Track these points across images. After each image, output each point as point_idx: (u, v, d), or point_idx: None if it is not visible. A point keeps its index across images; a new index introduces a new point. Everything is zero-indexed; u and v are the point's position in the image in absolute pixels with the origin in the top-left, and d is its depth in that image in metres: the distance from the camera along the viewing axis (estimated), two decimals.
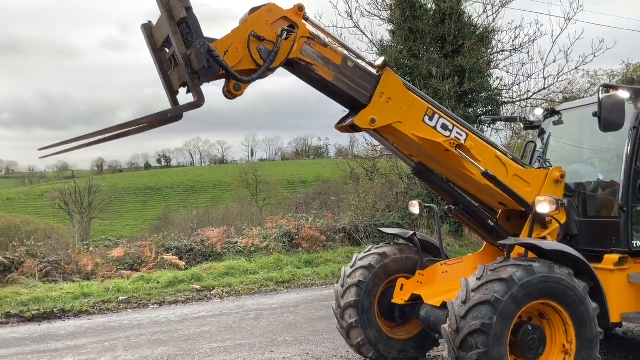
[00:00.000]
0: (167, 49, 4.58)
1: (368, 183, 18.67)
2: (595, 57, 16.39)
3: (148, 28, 4.66)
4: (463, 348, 4.38)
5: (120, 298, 10.62)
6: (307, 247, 14.27)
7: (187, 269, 12.33)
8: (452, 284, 5.42)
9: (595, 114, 5.21)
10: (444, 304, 4.91)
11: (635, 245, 5.51)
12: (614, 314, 5.26)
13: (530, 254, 5.06)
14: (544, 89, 17.24)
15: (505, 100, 17.45)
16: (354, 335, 5.86)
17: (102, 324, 9.09)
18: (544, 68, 16.71)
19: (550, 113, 6.87)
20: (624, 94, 5.42)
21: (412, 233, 6.20)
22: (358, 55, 5.10)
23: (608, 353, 6.24)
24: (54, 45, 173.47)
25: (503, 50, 17.09)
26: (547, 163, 6.10)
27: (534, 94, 17.34)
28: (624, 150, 5.61)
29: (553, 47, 16.40)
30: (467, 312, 4.39)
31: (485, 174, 5.10)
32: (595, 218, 5.96)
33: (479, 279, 4.52)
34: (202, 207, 46.98)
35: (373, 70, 5.00)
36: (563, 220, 5.41)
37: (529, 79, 17.10)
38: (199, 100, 4.33)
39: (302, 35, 4.70)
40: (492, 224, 5.76)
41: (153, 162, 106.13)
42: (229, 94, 4.55)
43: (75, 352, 7.50)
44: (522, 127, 7.88)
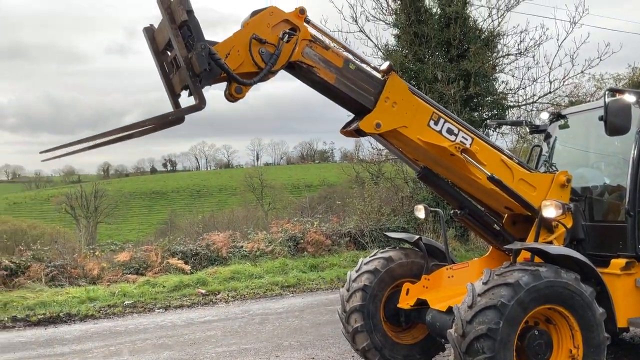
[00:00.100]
0: (168, 52, 4.57)
1: (373, 187, 18.65)
2: (601, 60, 16.33)
3: (150, 31, 4.65)
4: (469, 353, 4.36)
5: (126, 302, 10.64)
6: (312, 251, 14.25)
7: (192, 273, 12.35)
8: (458, 289, 5.40)
9: (601, 118, 5.20)
10: (450, 309, 4.89)
11: None
12: (621, 319, 5.23)
13: (537, 259, 5.03)
14: (550, 93, 17.21)
15: (511, 104, 17.41)
16: (360, 340, 5.83)
17: (107, 328, 9.11)
18: (550, 72, 16.69)
19: (556, 117, 6.85)
20: (630, 98, 5.39)
21: (417, 237, 6.17)
22: (362, 60, 5.07)
23: (615, 358, 6.21)
24: (60, 51, 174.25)
25: (508, 54, 17.04)
26: (553, 167, 6.09)
27: (540, 98, 17.29)
28: (630, 154, 5.59)
29: (559, 50, 16.40)
30: (473, 316, 4.37)
31: (491, 178, 5.08)
32: (602, 222, 5.94)
33: (485, 284, 4.50)
34: (207, 211, 47.04)
35: (377, 75, 4.99)
36: (569, 225, 5.38)
37: (535, 83, 17.08)
38: (201, 103, 4.32)
39: (303, 38, 4.68)
40: (498, 229, 5.74)
41: (159, 166, 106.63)
42: (231, 97, 4.54)
43: (81, 356, 7.52)
44: (527, 131, 7.84)
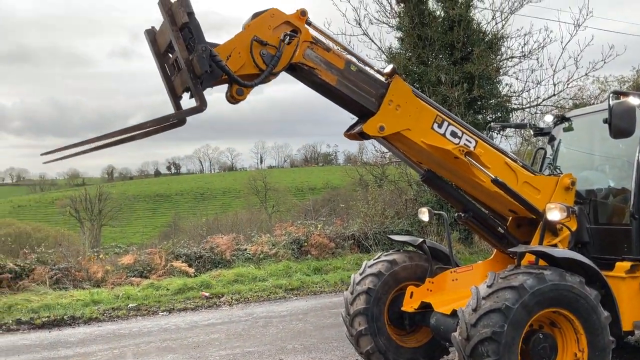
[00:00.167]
0: (170, 55, 4.56)
1: (377, 190, 18.62)
2: (605, 63, 16.22)
3: (151, 34, 4.65)
4: (473, 356, 4.35)
5: (130, 305, 10.65)
6: (316, 254, 14.23)
7: (196, 276, 12.34)
8: (462, 292, 5.39)
9: (606, 121, 5.19)
10: (454, 312, 4.88)
11: None
12: (626, 322, 5.21)
13: (541, 262, 5.02)
14: (554, 96, 17.12)
15: (515, 107, 17.35)
16: (364, 343, 5.82)
17: (111, 331, 9.11)
18: (554, 74, 16.60)
19: (561, 119, 6.84)
20: (635, 101, 5.39)
21: (421, 240, 6.16)
22: (365, 62, 5.06)
23: None
24: (65, 54, 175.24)
25: (512, 57, 16.98)
26: (557, 170, 6.07)
27: (544, 101, 17.21)
28: (635, 157, 5.58)
29: (563, 53, 16.28)
30: (477, 320, 4.36)
31: (495, 181, 5.06)
32: (607, 225, 5.92)
33: (490, 287, 4.49)
34: (211, 214, 47.11)
35: (381, 77, 4.98)
36: (574, 228, 5.36)
37: (539, 86, 16.98)
38: (202, 105, 4.31)
39: (304, 40, 4.68)
40: (502, 232, 5.72)
41: (163, 169, 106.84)
42: (232, 99, 4.54)
43: (85, 359, 7.53)
44: (532, 133, 7.85)
